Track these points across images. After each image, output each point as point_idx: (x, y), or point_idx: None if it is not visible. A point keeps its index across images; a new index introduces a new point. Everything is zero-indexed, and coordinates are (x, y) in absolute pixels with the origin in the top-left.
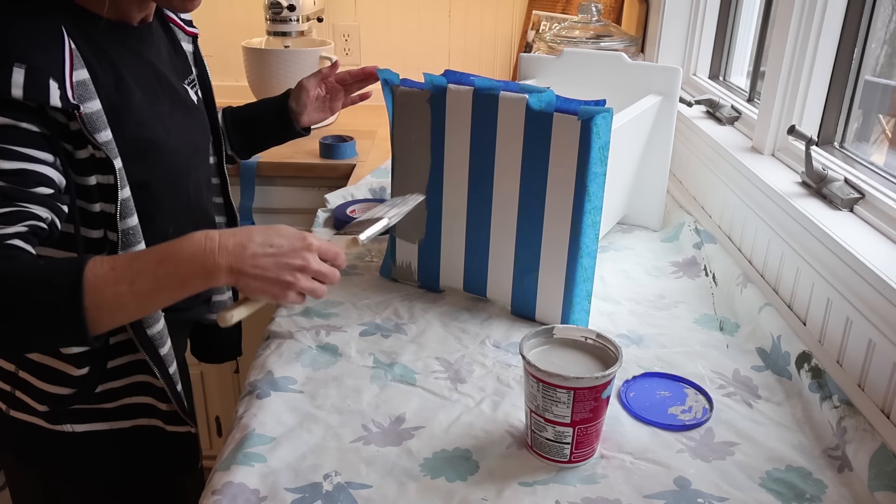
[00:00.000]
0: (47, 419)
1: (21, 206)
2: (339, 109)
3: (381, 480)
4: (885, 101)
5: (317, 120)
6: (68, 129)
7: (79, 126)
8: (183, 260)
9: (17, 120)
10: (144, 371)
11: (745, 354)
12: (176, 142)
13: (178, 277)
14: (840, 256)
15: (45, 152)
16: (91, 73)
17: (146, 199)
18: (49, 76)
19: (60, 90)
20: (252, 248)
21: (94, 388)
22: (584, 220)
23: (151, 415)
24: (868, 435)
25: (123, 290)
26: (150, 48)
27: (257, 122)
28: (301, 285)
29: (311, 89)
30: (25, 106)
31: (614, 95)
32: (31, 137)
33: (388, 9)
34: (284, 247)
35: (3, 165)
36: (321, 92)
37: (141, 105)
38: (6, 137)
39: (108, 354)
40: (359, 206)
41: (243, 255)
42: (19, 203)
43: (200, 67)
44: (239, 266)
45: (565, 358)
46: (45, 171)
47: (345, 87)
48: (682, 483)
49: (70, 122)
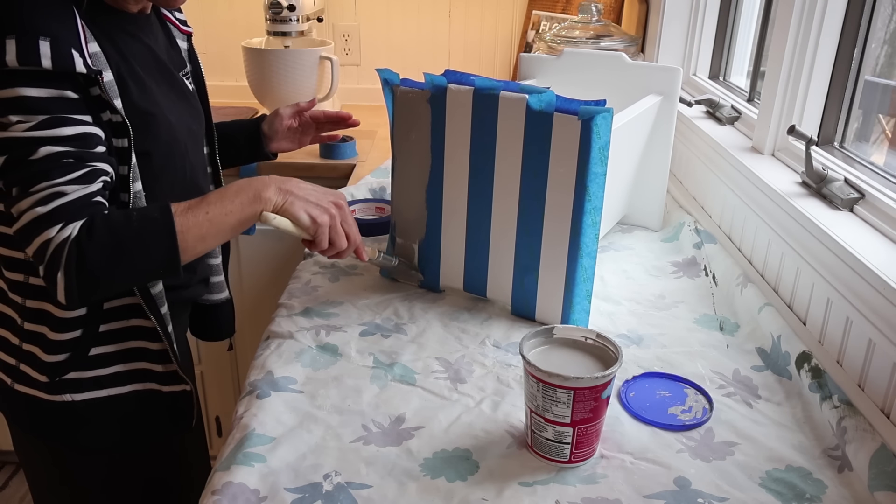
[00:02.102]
0: (48, 390)
1: (93, 165)
2: (307, 144)
3: (381, 480)
4: (885, 101)
5: (285, 148)
6: (90, 95)
7: (98, 92)
8: (240, 185)
9: (60, 89)
10: (138, 336)
11: (745, 354)
12: (173, 118)
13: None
14: (840, 256)
15: (88, 115)
16: (100, 47)
17: (146, 168)
18: (71, 46)
19: (82, 58)
20: (297, 180)
21: (87, 352)
22: (584, 220)
23: (147, 379)
24: (868, 435)
25: (199, 215)
26: (149, 36)
27: (231, 141)
28: (336, 222)
29: (286, 119)
30: (59, 75)
31: (614, 95)
32: (76, 104)
33: (388, 9)
34: (327, 191)
35: (67, 132)
36: (294, 123)
37: (141, 81)
38: (59, 107)
39: (101, 319)
40: (359, 206)
41: (291, 181)
42: (90, 163)
43: (195, 64)
44: (288, 187)
45: (565, 358)
46: (96, 132)
47: (317, 124)
48: (682, 483)
49: (91, 89)
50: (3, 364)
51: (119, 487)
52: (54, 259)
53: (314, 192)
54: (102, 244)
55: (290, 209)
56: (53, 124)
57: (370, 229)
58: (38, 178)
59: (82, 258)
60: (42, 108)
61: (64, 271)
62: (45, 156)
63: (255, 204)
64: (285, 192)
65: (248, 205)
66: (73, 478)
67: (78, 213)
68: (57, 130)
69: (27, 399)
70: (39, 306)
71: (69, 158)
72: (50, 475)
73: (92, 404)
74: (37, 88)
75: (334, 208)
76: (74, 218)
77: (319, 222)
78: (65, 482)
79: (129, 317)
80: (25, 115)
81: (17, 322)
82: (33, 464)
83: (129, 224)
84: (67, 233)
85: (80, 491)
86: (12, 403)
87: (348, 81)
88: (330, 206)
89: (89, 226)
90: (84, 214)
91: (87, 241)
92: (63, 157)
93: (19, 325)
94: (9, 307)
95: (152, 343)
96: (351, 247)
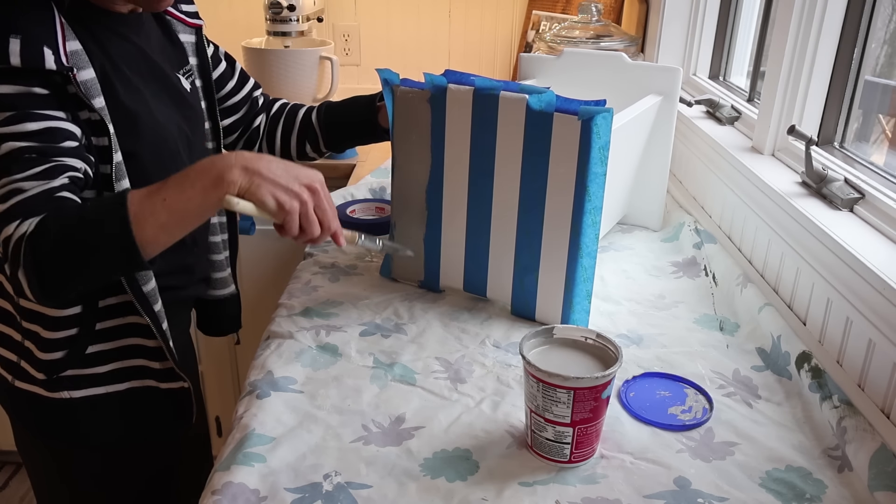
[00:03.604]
0: (47, 387)
1: (57, 161)
2: None
3: (381, 480)
4: (885, 101)
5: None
6: (67, 93)
7: (75, 90)
8: (203, 166)
9: (28, 86)
10: (134, 334)
11: (745, 354)
12: (162, 119)
13: (199, 183)
14: (840, 256)
15: (60, 111)
16: (83, 46)
17: (135, 168)
18: (43, 44)
19: (55, 55)
20: (268, 159)
21: (84, 350)
22: (584, 220)
23: (144, 376)
24: (868, 435)
25: (156, 202)
26: (140, 36)
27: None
28: (308, 208)
29: None
30: (29, 72)
31: (614, 95)
32: (45, 99)
33: (388, 9)
34: (300, 172)
35: (31, 127)
36: None
37: (127, 80)
38: (25, 103)
39: (97, 316)
40: (359, 206)
41: (259, 161)
42: (54, 158)
43: (202, 58)
44: (254, 167)
45: (565, 358)
46: (66, 127)
47: None
48: (682, 483)
49: (67, 86)
50: (5, 361)
51: (119, 484)
52: (14, 256)
53: (284, 174)
54: (55, 237)
55: (256, 193)
56: (18, 119)
57: (370, 229)
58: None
59: (36, 254)
60: (8, 105)
61: (23, 268)
62: (7, 152)
63: (217, 188)
64: (252, 172)
65: (211, 189)
66: (73, 475)
67: (37, 208)
68: (20, 126)
69: (28, 396)
70: (31, 306)
71: (31, 154)
72: (51, 472)
73: (90, 401)
74: (5, 85)
75: (306, 193)
76: (32, 213)
77: (287, 209)
78: (65, 479)
79: (125, 314)
80: None
81: (17, 319)
82: (34, 461)
83: (82, 215)
84: (24, 229)
85: (81, 488)
86: (13, 400)
87: (348, 81)
88: (302, 191)
89: (42, 221)
90: (44, 210)
91: (38, 237)
92: (25, 152)
93: (18, 321)
94: (9, 304)
95: (148, 340)
96: (325, 233)
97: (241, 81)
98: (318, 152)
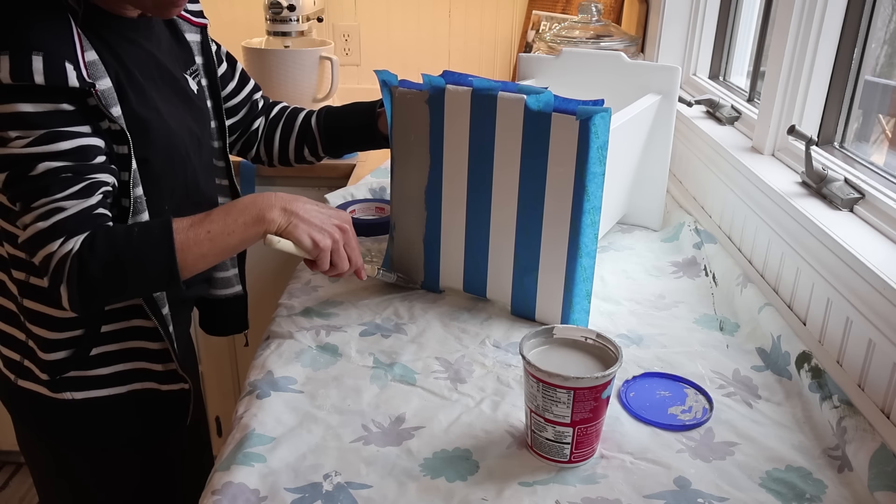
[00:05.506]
0: (49, 388)
1: (91, 178)
2: None
3: (381, 480)
4: (885, 101)
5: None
6: (87, 105)
7: (95, 102)
8: (245, 204)
9: (56, 103)
10: (139, 337)
11: (745, 354)
12: (173, 123)
13: (241, 219)
14: (840, 256)
15: (86, 126)
16: (99, 56)
17: (145, 173)
18: (64, 59)
19: (76, 71)
20: (304, 201)
21: (88, 351)
22: (583, 220)
23: (146, 378)
24: (868, 435)
25: (201, 233)
26: (150, 40)
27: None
28: (339, 246)
29: None
30: (53, 89)
31: (614, 95)
32: (72, 116)
33: (388, 9)
34: (332, 213)
35: (63, 146)
36: None
37: (140, 87)
38: (55, 121)
39: (102, 319)
40: (359, 206)
41: (296, 202)
42: (88, 176)
43: (207, 57)
44: (292, 208)
45: (565, 358)
46: (94, 143)
47: None
48: (682, 483)
49: (88, 99)
50: (9, 360)
51: (120, 485)
52: (57, 272)
53: (319, 215)
54: (103, 259)
55: (293, 232)
56: (51, 139)
57: (370, 229)
58: (38, 194)
59: (84, 272)
60: (39, 123)
61: (66, 284)
62: (44, 171)
63: (258, 225)
64: (289, 213)
65: (252, 225)
66: (74, 475)
67: (79, 226)
68: (55, 146)
69: (30, 396)
70: (35, 307)
71: (67, 173)
72: (52, 472)
73: (91, 403)
74: (33, 104)
75: (338, 232)
76: (76, 232)
77: (321, 246)
78: (66, 479)
79: (130, 317)
80: (23, 130)
81: (21, 319)
82: (36, 461)
83: (130, 240)
84: (69, 247)
85: (82, 488)
86: (16, 400)
87: (348, 81)
88: (334, 231)
89: (91, 240)
90: (85, 228)
91: (88, 256)
92: (61, 171)
93: (22, 321)
94: (13, 304)
95: (152, 343)
96: (352, 268)
97: (241, 83)
98: (317, 157)
